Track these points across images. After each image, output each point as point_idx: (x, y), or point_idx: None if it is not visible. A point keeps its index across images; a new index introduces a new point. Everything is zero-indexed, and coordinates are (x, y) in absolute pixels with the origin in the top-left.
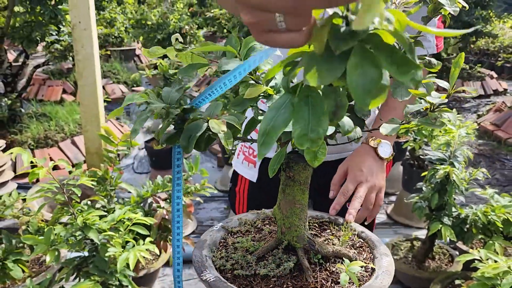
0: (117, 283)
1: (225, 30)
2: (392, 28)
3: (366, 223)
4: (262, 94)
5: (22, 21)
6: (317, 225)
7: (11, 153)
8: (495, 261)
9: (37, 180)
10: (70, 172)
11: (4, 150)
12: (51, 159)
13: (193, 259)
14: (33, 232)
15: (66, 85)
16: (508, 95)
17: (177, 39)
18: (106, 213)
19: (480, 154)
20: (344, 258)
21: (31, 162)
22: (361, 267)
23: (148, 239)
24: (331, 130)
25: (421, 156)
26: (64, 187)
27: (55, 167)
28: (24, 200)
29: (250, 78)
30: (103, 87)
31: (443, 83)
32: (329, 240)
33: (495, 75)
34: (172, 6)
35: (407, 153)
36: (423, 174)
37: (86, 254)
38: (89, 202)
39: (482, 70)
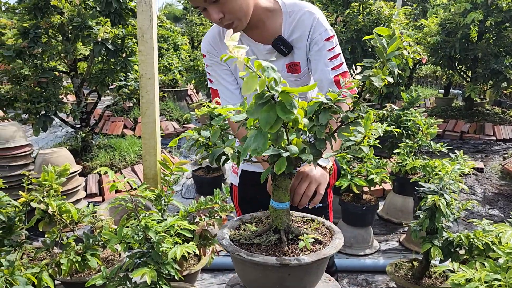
0: (166, 272)
1: None
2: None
3: (310, 207)
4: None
5: (97, 68)
6: (302, 221)
7: (100, 171)
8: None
9: (103, 200)
10: (134, 189)
11: (79, 175)
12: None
13: (217, 233)
14: None
15: (127, 121)
16: None
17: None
18: (161, 219)
19: (499, 194)
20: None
21: (108, 181)
22: (318, 243)
23: (191, 242)
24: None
25: None
26: (133, 198)
27: (117, 190)
28: (94, 212)
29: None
30: None
31: (360, 129)
32: (305, 228)
33: None
34: None
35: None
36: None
37: (145, 250)
38: (146, 214)
39: None
